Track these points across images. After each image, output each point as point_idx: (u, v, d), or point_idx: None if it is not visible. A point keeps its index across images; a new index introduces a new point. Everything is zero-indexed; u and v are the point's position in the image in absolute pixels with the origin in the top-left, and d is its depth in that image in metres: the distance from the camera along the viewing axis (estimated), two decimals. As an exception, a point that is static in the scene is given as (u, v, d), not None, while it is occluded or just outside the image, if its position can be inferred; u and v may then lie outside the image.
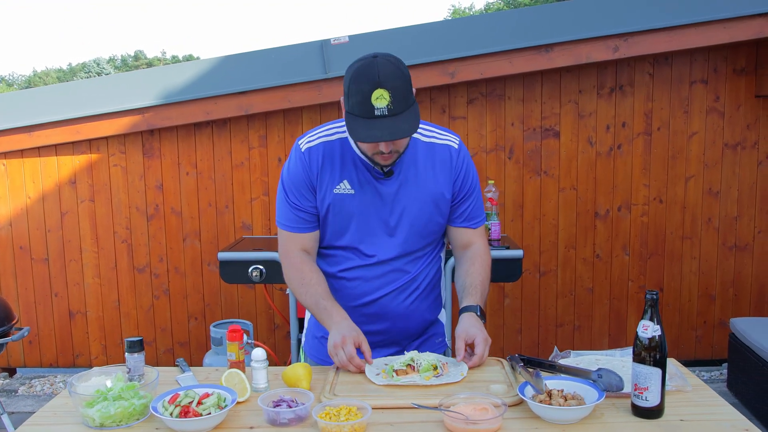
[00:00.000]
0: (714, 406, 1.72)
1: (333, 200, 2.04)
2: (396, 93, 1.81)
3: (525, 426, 1.61)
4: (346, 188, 2.03)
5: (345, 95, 1.88)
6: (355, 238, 2.07)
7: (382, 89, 1.80)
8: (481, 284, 2.10)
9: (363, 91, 1.81)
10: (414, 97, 1.90)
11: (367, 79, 1.81)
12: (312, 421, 1.63)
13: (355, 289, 2.11)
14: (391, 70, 1.82)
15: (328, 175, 2.03)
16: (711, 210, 4.43)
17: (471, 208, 2.14)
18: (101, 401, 1.66)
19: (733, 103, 4.35)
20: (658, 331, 1.62)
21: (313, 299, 2.05)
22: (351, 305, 2.12)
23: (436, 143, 2.08)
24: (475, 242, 2.17)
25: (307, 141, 2.07)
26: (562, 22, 4.23)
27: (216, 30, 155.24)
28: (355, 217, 2.05)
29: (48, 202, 4.47)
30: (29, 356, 4.64)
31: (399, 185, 2.04)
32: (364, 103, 1.81)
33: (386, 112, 1.81)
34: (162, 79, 4.47)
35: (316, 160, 2.03)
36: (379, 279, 2.10)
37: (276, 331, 4.57)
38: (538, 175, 4.41)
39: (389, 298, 2.11)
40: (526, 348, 4.55)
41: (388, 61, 1.84)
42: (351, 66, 1.87)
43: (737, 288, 4.50)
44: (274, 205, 4.39)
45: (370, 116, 1.82)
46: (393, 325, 2.13)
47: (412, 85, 1.90)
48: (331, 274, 2.14)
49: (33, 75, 57.17)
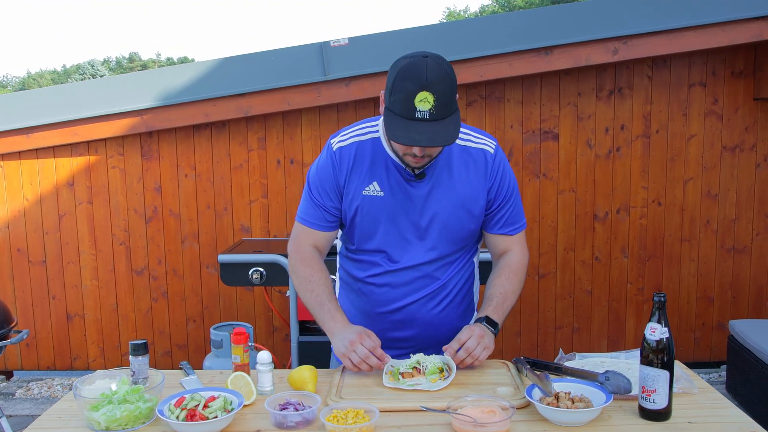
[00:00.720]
0: (721, 408, 1.73)
1: (362, 202, 2.00)
2: (440, 98, 1.75)
3: (533, 428, 1.61)
4: (376, 190, 1.99)
5: (387, 90, 1.81)
6: (383, 241, 2.03)
7: (428, 92, 1.74)
8: (502, 295, 2.04)
9: (407, 90, 1.75)
10: (457, 105, 1.83)
11: (414, 79, 1.74)
12: (319, 424, 1.62)
13: (384, 295, 2.08)
14: (440, 74, 1.75)
15: (358, 176, 1.99)
16: (709, 212, 4.44)
17: (509, 215, 2.07)
18: (106, 404, 1.65)
19: (732, 106, 4.36)
20: (666, 333, 1.62)
21: (317, 299, 2.02)
22: (378, 311, 2.10)
23: (471, 147, 2.02)
24: (512, 249, 2.11)
25: (339, 140, 2.03)
26: (561, 25, 4.24)
27: (211, 32, 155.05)
28: (384, 220, 2.01)
29: (46, 204, 4.45)
30: (26, 359, 4.61)
31: (430, 188, 1.98)
32: (407, 103, 1.75)
33: (427, 116, 1.75)
34: (160, 80, 4.46)
35: (347, 160, 1.99)
36: (408, 285, 2.06)
37: (275, 333, 4.55)
38: (537, 177, 4.42)
39: (418, 305, 2.07)
40: (525, 350, 4.55)
41: (438, 63, 1.77)
42: (398, 61, 1.81)
43: (736, 290, 4.51)
44: (273, 208, 4.43)
45: (410, 117, 1.76)
46: (421, 333, 2.09)
47: (456, 83, 1.83)
48: (359, 279, 2.11)
49: (27, 77, 56.97)
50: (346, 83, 4.14)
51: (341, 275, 2.24)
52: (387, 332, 2.04)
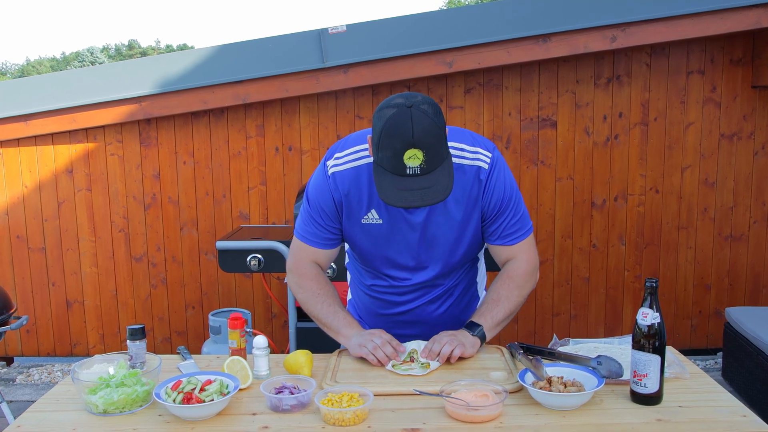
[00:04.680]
0: (712, 393, 1.74)
1: (362, 230, 1.98)
2: (430, 151, 1.70)
3: (525, 412, 1.63)
4: (374, 218, 1.96)
5: (374, 144, 1.75)
6: (385, 265, 2.05)
7: (416, 149, 1.68)
8: (493, 301, 2.01)
9: (395, 149, 1.69)
10: (447, 149, 1.78)
11: (400, 137, 1.68)
12: (314, 408, 1.64)
13: (388, 300, 2.12)
14: (427, 125, 1.69)
15: (356, 203, 1.95)
16: (707, 200, 4.45)
17: (505, 225, 2.00)
18: (104, 388, 1.67)
19: (730, 94, 4.36)
20: (658, 318, 1.64)
21: (330, 308, 2.01)
22: (383, 313, 2.14)
23: (465, 164, 1.92)
24: (514, 257, 2.05)
25: (334, 164, 1.95)
26: (559, 12, 4.23)
27: (211, 19, 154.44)
28: (384, 247, 2.00)
29: (45, 192, 4.46)
30: (27, 345, 4.64)
31: (427, 213, 1.94)
32: (396, 161, 1.70)
33: (418, 171, 1.70)
34: (158, 68, 4.45)
35: (342, 187, 1.94)
36: (412, 293, 2.09)
37: (273, 320, 4.58)
38: (535, 165, 4.42)
39: (422, 308, 2.12)
40: (522, 337, 4.58)
41: (423, 113, 1.69)
42: (382, 111, 1.73)
43: (732, 278, 4.53)
44: (271, 195, 4.44)
45: (400, 174, 1.71)
46: (426, 330, 2.10)
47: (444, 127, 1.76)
48: (365, 284, 2.15)
49: (26, 64, 56.82)
50: (345, 70, 4.14)
51: (349, 268, 2.27)
52: (392, 330, 2.06)
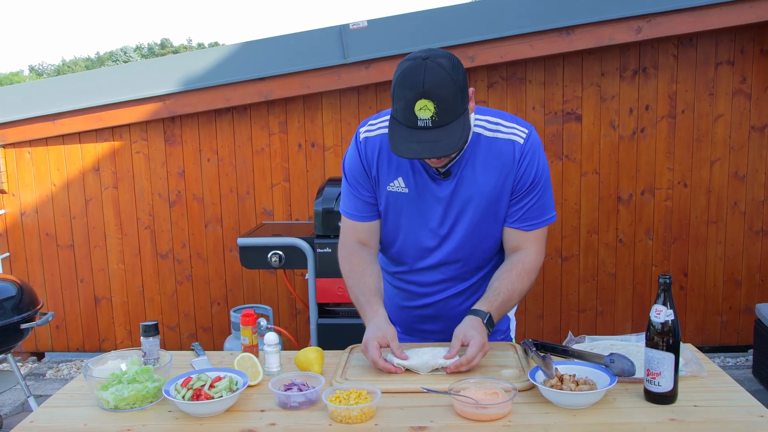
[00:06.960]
0: (730, 392, 1.70)
1: (387, 197, 1.96)
2: (441, 103, 1.66)
3: (535, 410, 1.61)
4: (400, 186, 1.92)
5: (392, 97, 1.74)
6: (402, 251, 2.02)
7: (427, 99, 1.65)
8: (508, 292, 1.90)
9: (407, 99, 1.67)
10: (466, 105, 1.73)
11: (412, 86, 1.66)
12: (322, 405, 1.64)
13: (411, 291, 2.09)
14: (440, 78, 1.65)
15: (385, 169, 1.93)
16: (737, 194, 4.35)
17: (527, 209, 1.91)
18: (115, 384, 1.68)
19: (761, 85, 4.25)
20: (671, 315, 1.60)
21: (354, 294, 1.99)
22: (407, 305, 2.11)
23: (500, 138, 1.87)
24: (525, 247, 1.95)
25: (366, 129, 1.96)
26: (583, 4, 4.16)
27: (242, 16, 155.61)
28: (405, 219, 1.96)
29: (72, 190, 4.53)
30: (57, 341, 4.72)
31: (455, 186, 1.89)
32: (407, 111, 1.68)
33: (430, 124, 1.66)
34: (182, 66, 4.50)
35: (372, 152, 1.93)
36: (435, 285, 2.04)
37: (298, 316, 4.59)
38: (559, 159, 4.36)
39: (445, 302, 2.06)
40: (547, 333, 4.53)
41: (438, 65, 1.66)
42: (401, 64, 1.72)
43: (764, 273, 4.42)
44: (295, 191, 4.46)
45: (412, 126, 1.68)
46: (451, 325, 1.99)
47: (467, 87, 1.74)
48: (390, 273, 2.13)
49: (62, 64, 57.92)
50: (366, 66, 4.13)
51: (380, 262, 2.25)
52: (416, 324, 2.03)
